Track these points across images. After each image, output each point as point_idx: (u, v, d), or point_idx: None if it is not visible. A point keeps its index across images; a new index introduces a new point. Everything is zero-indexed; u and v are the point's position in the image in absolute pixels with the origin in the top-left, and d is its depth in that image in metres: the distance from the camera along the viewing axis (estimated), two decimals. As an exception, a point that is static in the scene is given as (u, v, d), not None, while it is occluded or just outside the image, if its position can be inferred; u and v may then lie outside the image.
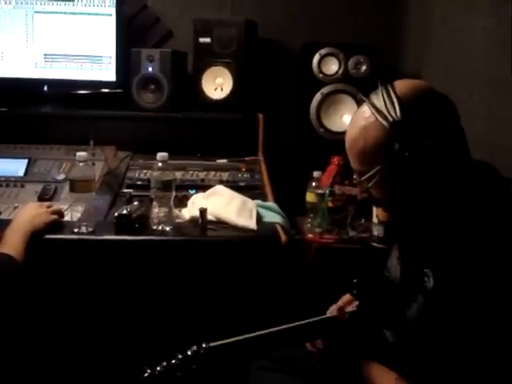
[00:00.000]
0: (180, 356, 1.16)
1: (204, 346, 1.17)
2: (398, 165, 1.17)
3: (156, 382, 1.15)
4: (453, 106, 1.22)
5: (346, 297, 1.47)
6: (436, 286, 1.15)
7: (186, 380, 1.16)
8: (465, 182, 1.19)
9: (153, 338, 1.79)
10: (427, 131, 1.16)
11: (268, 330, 1.24)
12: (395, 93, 1.19)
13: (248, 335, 1.22)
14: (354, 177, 1.29)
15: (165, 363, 1.15)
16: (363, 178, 1.24)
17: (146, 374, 1.15)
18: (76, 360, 1.81)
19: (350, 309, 1.38)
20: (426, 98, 1.20)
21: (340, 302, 1.46)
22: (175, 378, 1.15)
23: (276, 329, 1.25)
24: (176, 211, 1.87)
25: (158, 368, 1.15)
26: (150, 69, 2.40)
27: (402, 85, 1.22)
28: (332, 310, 1.43)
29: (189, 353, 1.17)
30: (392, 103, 1.18)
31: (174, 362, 1.15)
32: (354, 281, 1.33)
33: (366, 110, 1.23)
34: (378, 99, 1.21)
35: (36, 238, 1.68)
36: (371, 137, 1.19)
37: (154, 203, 1.80)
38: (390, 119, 1.17)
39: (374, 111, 1.20)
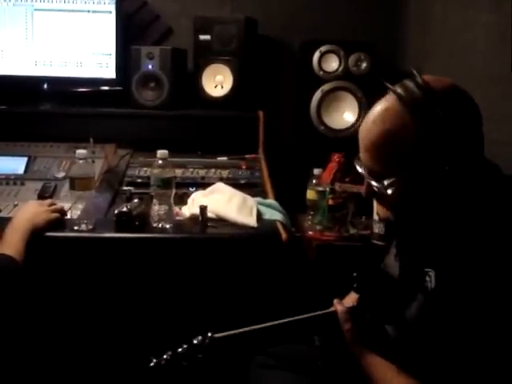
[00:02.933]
0: (185, 345, 1.16)
1: (209, 335, 1.17)
2: (434, 171, 1.08)
3: (162, 372, 1.15)
4: (478, 106, 1.13)
5: (352, 295, 1.44)
6: (438, 286, 1.13)
7: (190, 371, 1.16)
8: (474, 182, 1.13)
9: (153, 335, 1.79)
10: (467, 135, 1.07)
11: (272, 323, 1.24)
12: (434, 91, 1.06)
13: (252, 327, 1.22)
14: (360, 170, 1.19)
15: (170, 352, 1.15)
16: (385, 184, 1.13)
17: (152, 364, 1.15)
18: (78, 358, 1.81)
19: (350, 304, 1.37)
20: (463, 99, 1.10)
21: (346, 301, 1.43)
22: (181, 367, 1.14)
23: (280, 321, 1.25)
24: (176, 209, 1.87)
25: (164, 357, 1.15)
26: (150, 66, 2.40)
27: (436, 83, 1.10)
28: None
29: (194, 342, 1.16)
30: (433, 103, 1.06)
31: (179, 350, 1.15)
32: (354, 274, 1.32)
33: (395, 106, 1.10)
34: (413, 97, 1.08)
35: (36, 236, 1.68)
36: (406, 139, 1.07)
37: (154, 201, 1.80)
38: (435, 121, 1.05)
39: (409, 109, 1.07)
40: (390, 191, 1.13)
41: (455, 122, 1.07)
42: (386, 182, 1.13)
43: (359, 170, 1.20)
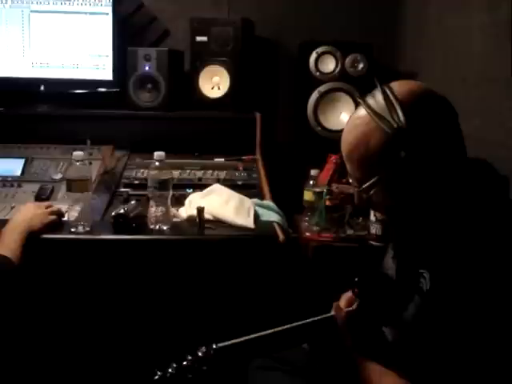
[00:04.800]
0: (190, 357, 1.15)
1: (214, 346, 1.16)
2: (402, 173, 1.14)
3: None
4: (452, 108, 1.18)
5: (347, 295, 1.44)
6: (433, 288, 1.13)
7: (195, 381, 1.15)
8: (463, 182, 1.17)
9: (150, 336, 1.79)
10: (431, 137, 1.13)
11: (276, 329, 1.23)
12: (395, 96, 1.14)
13: (255, 335, 1.21)
14: (350, 180, 1.26)
15: (175, 365, 1.14)
16: (363, 187, 1.20)
17: (157, 377, 1.14)
18: (75, 361, 1.81)
19: (349, 308, 1.37)
20: (428, 101, 1.16)
21: (342, 301, 1.44)
22: (186, 379, 1.14)
23: (283, 328, 1.24)
24: (173, 210, 1.87)
25: (170, 370, 1.14)
26: (147, 68, 2.40)
27: (401, 87, 1.17)
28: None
29: (199, 354, 1.15)
30: (394, 108, 1.13)
31: (184, 363, 1.14)
32: (356, 279, 1.32)
33: (364, 114, 1.17)
34: (378, 103, 1.16)
35: (33, 238, 1.68)
36: (373, 144, 1.14)
37: (151, 202, 1.80)
38: (395, 125, 1.12)
39: (374, 116, 1.15)
40: (370, 194, 1.19)
41: (421, 123, 1.13)
42: (364, 186, 1.20)
43: (350, 180, 1.27)
